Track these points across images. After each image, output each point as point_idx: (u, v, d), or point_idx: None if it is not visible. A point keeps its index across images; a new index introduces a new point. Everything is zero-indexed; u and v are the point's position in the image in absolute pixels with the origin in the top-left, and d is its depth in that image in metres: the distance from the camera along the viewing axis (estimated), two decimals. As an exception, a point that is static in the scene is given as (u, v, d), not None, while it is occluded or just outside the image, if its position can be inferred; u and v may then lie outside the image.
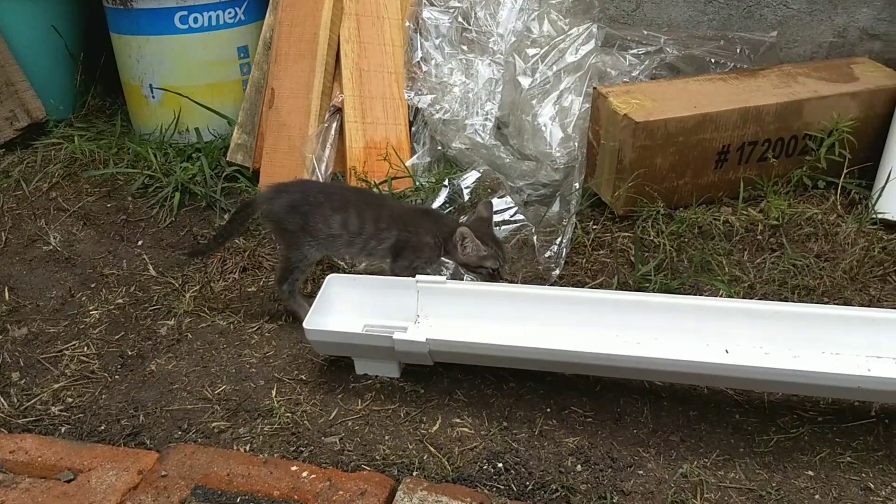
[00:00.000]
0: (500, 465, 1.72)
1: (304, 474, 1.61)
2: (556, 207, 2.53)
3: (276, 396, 1.92)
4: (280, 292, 2.15)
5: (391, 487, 1.58)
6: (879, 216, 2.35)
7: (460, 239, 2.06)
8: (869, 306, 2.09)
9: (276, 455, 1.74)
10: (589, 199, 2.59)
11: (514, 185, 2.57)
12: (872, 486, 1.64)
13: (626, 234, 2.45)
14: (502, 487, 1.67)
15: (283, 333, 2.15)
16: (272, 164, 2.77)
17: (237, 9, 3.03)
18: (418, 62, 2.76)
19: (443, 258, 2.15)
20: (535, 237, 2.37)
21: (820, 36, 2.80)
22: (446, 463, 1.72)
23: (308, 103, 2.77)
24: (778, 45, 2.78)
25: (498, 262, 2.09)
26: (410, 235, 2.10)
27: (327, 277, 2.03)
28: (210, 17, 2.99)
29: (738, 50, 2.74)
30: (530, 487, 1.67)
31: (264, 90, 2.89)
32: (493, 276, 2.10)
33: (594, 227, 2.51)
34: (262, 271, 2.42)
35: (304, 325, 1.87)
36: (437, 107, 2.67)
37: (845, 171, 2.41)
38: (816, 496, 1.63)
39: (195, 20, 2.97)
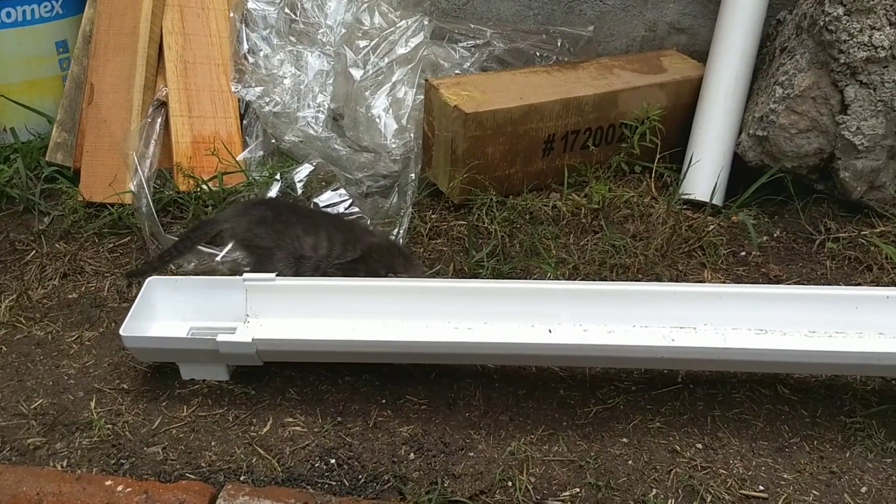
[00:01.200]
0: (333, 461, 1.74)
1: (120, 488, 1.56)
2: (394, 198, 2.56)
3: (95, 408, 1.85)
4: None
5: (211, 495, 1.56)
6: (685, 197, 2.53)
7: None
8: (676, 281, 2.25)
9: (94, 469, 1.69)
10: (427, 189, 2.64)
11: (353, 177, 2.57)
12: (679, 447, 1.78)
13: (462, 222, 2.51)
14: (334, 484, 1.68)
15: (104, 342, 2.07)
16: (93, 162, 2.64)
17: (54, 2, 2.88)
18: (245, 54, 2.70)
19: None
20: (371, 229, 2.39)
21: (633, 30, 2.97)
22: (276, 464, 1.71)
23: (130, 98, 2.67)
24: (596, 39, 2.92)
25: None
26: (367, 260, 2.07)
27: (147, 280, 1.96)
28: (25, 12, 2.82)
29: (559, 43, 2.86)
30: (363, 481, 1.69)
31: (84, 86, 2.75)
32: None
33: (432, 216, 2.55)
34: (84, 276, 2.31)
35: (121, 331, 1.81)
36: (267, 99, 2.63)
37: (658, 156, 2.57)
38: (629, 461, 1.75)
39: (8, 15, 2.80)
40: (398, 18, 2.70)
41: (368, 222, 2.41)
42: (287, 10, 2.75)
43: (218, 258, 2.24)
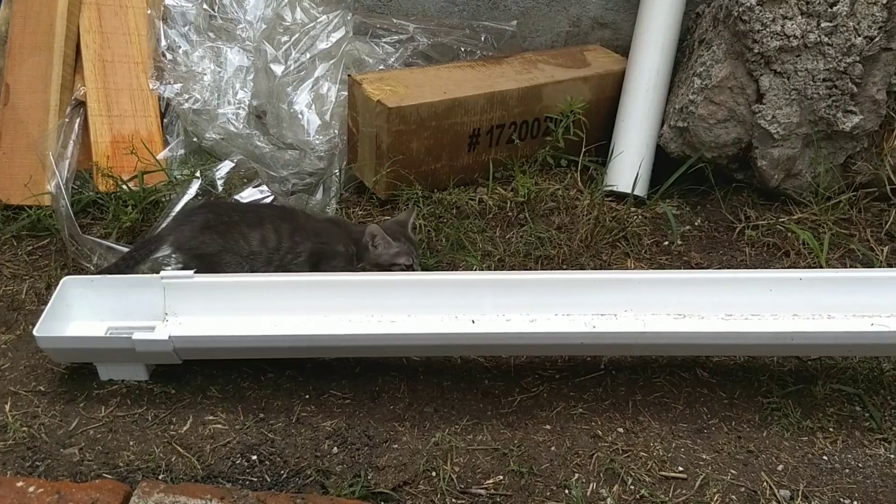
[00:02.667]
0: (255, 457, 1.71)
1: (32, 489, 1.52)
2: (319, 195, 2.54)
3: (10, 411, 1.80)
4: None
5: (125, 493, 1.53)
6: (609, 188, 2.57)
7: (370, 238, 2.05)
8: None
9: (9, 472, 1.63)
10: (353, 184, 2.63)
11: (279, 174, 2.55)
12: (601, 432, 1.80)
13: (388, 217, 2.50)
14: (255, 480, 1.66)
15: (21, 345, 2.01)
16: (11, 164, 2.56)
17: (-33, 3, 2.77)
18: (164, 51, 2.65)
19: (356, 264, 2.11)
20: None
21: (557, 25, 3.00)
22: (196, 462, 1.68)
23: (47, 98, 2.60)
24: (520, 34, 2.94)
25: (411, 259, 2.08)
26: (323, 246, 2.05)
27: (62, 280, 1.91)
28: (-64, 13, 2.71)
29: (483, 38, 2.87)
30: (285, 476, 1.68)
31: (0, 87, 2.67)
32: (408, 272, 2.09)
33: (359, 212, 2.55)
34: (1, 280, 2.25)
35: (35, 332, 1.75)
36: (187, 96, 2.59)
37: (583, 150, 2.60)
38: (552, 448, 1.76)
39: (-81, 17, 2.69)
40: (320, 13, 2.68)
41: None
42: (206, 6, 2.71)
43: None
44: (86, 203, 2.47)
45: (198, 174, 2.39)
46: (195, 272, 1.93)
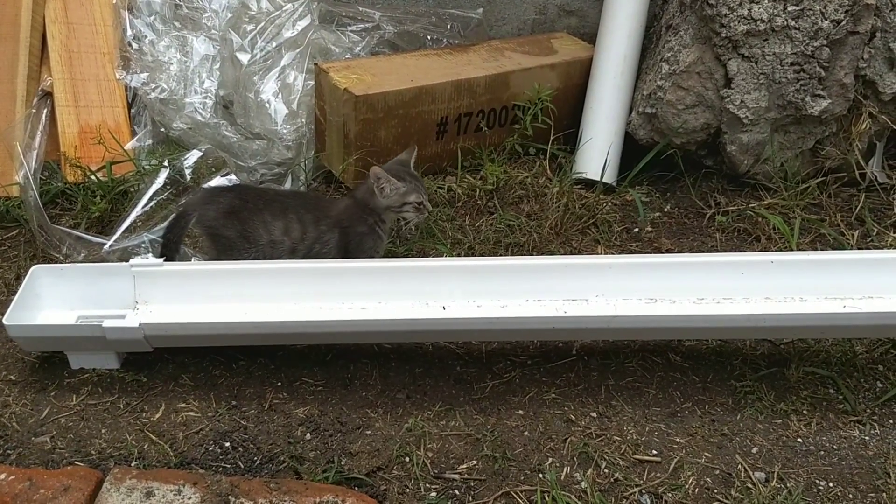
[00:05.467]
0: (228, 444, 1.71)
1: (2, 476, 1.51)
2: (287, 184, 2.53)
3: (-21, 401, 1.78)
4: None
5: (98, 479, 1.52)
6: (577, 176, 2.58)
7: (375, 181, 2.01)
8: (570, 256, 2.29)
9: (-21, 462, 1.61)
10: (321, 174, 2.62)
11: (247, 164, 2.53)
12: (573, 417, 1.82)
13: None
14: (228, 466, 1.66)
15: (-10, 334, 1.98)
16: (-23, 155, 2.53)
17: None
18: (130, 41, 2.63)
19: (379, 226, 2.09)
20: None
21: (524, 13, 3.01)
22: (168, 449, 1.67)
23: (13, 88, 2.58)
24: (487, 21, 2.94)
25: (420, 196, 2.06)
26: (347, 229, 2.04)
27: (31, 269, 1.89)
28: None
29: (449, 27, 2.87)
30: (258, 462, 1.67)
31: (-35, 78, 2.63)
32: (420, 210, 2.08)
33: (328, 201, 2.54)
34: (-30, 269, 2.21)
35: (5, 320, 1.74)
36: (153, 85, 2.56)
37: (552, 138, 2.62)
38: (526, 433, 1.78)
39: None
40: (285, 2, 2.66)
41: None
42: (172, -4, 2.69)
43: (106, 247, 2.18)
44: (54, 193, 2.44)
45: (166, 164, 2.37)
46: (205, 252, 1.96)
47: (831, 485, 1.68)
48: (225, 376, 1.89)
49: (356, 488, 1.62)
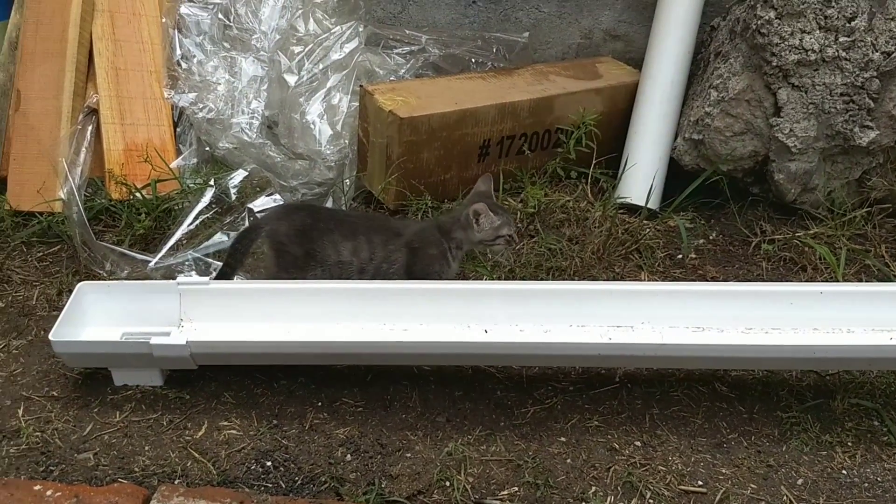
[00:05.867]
0: (269, 463, 1.70)
1: (49, 493, 1.51)
2: (328, 204, 2.54)
3: (23, 416, 1.79)
4: None
5: (144, 497, 1.52)
6: (621, 200, 2.56)
7: (475, 216, 2.04)
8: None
9: (23, 476, 1.62)
10: (361, 194, 2.63)
11: (288, 184, 2.55)
12: (617, 446, 1.79)
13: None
14: (270, 486, 1.65)
15: (32, 350, 2.00)
16: (21, 171, 2.56)
17: (-21, 9, 2.78)
18: (178, 60, 2.66)
19: (452, 252, 2.10)
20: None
21: (569, 37, 3.01)
22: (211, 467, 1.67)
23: (59, 105, 2.60)
24: (531, 45, 2.94)
25: (511, 228, 2.09)
26: (417, 250, 2.06)
27: (78, 285, 1.91)
28: (-51, 19, 2.73)
29: (494, 50, 2.88)
30: (299, 482, 1.66)
31: (10, 93, 2.68)
32: (510, 242, 2.10)
33: (367, 222, 2.54)
34: (12, 285, 2.24)
35: (51, 336, 1.75)
36: (201, 105, 2.59)
37: (594, 161, 2.60)
38: (568, 460, 1.75)
39: (-69, 22, 2.71)
40: (333, 25, 2.69)
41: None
42: (221, 16, 2.72)
43: (151, 264, 2.19)
44: (98, 210, 2.46)
45: (211, 183, 2.39)
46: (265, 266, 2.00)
47: (876, 517, 1.64)
48: (266, 395, 1.88)
49: (398, 512, 1.61)
